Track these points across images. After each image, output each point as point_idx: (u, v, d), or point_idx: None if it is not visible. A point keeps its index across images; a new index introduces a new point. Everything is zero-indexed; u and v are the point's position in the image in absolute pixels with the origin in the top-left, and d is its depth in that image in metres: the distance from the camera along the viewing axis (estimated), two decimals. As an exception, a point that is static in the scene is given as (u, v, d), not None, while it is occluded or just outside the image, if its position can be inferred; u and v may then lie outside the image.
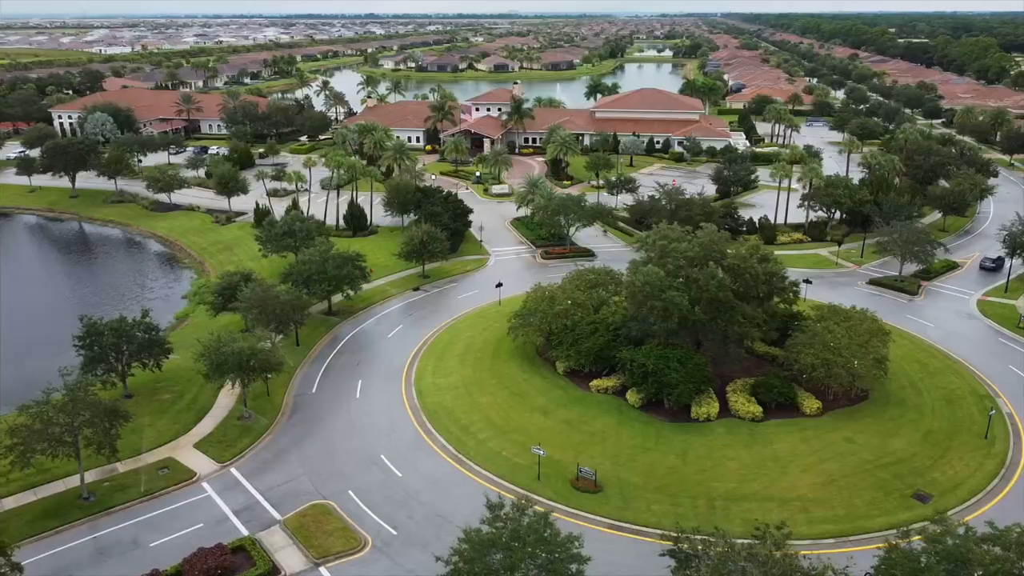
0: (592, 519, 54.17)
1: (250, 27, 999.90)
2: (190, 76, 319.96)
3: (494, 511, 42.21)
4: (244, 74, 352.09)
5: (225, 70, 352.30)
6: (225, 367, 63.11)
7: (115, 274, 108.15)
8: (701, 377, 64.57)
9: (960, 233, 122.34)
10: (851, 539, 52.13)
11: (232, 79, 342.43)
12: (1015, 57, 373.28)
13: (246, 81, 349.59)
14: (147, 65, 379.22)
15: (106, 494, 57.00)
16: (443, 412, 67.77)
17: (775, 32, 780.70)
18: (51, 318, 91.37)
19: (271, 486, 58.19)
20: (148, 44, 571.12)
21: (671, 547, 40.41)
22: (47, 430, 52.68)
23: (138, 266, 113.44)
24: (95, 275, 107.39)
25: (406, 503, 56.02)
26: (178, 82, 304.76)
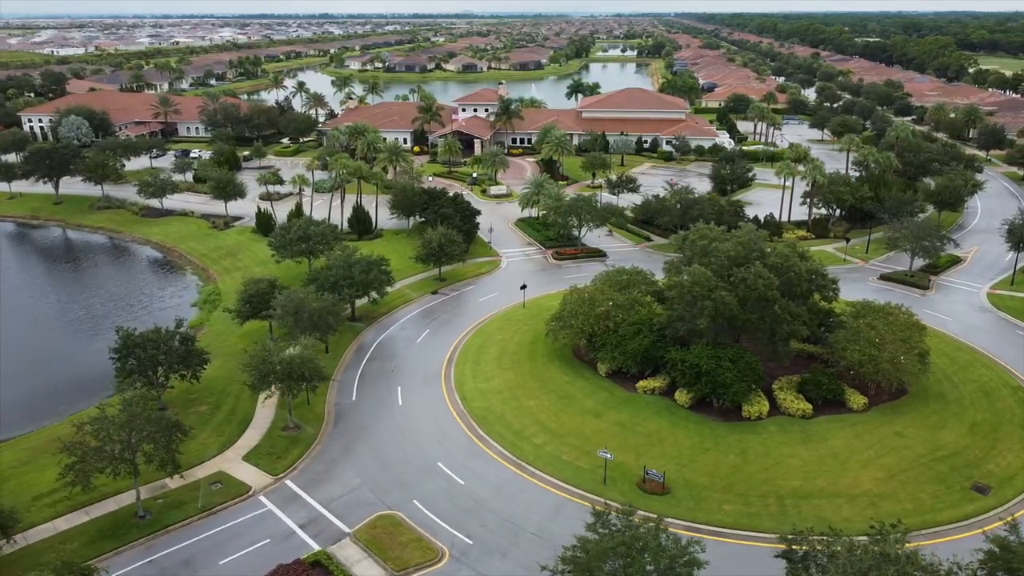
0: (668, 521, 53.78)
1: (203, 27, 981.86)
2: (155, 78, 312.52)
3: (601, 518, 41.63)
4: (210, 75, 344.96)
5: (189, 71, 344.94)
6: (273, 377, 61.46)
7: (117, 283, 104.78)
8: (754, 376, 64.89)
9: (953, 228, 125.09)
10: (923, 532, 52.72)
11: (198, 80, 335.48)
12: (973, 55, 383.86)
13: (212, 82, 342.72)
14: (106, 67, 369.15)
15: (162, 511, 55.07)
16: (492, 417, 66.97)
17: (732, 32, 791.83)
18: (63, 329, 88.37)
19: (332, 498, 56.82)
20: (101, 45, 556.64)
21: (785, 548, 40.31)
22: (105, 447, 50.64)
23: (139, 274, 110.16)
24: (96, 284, 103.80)
25: (475, 511, 55.16)
26: (143, 84, 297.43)
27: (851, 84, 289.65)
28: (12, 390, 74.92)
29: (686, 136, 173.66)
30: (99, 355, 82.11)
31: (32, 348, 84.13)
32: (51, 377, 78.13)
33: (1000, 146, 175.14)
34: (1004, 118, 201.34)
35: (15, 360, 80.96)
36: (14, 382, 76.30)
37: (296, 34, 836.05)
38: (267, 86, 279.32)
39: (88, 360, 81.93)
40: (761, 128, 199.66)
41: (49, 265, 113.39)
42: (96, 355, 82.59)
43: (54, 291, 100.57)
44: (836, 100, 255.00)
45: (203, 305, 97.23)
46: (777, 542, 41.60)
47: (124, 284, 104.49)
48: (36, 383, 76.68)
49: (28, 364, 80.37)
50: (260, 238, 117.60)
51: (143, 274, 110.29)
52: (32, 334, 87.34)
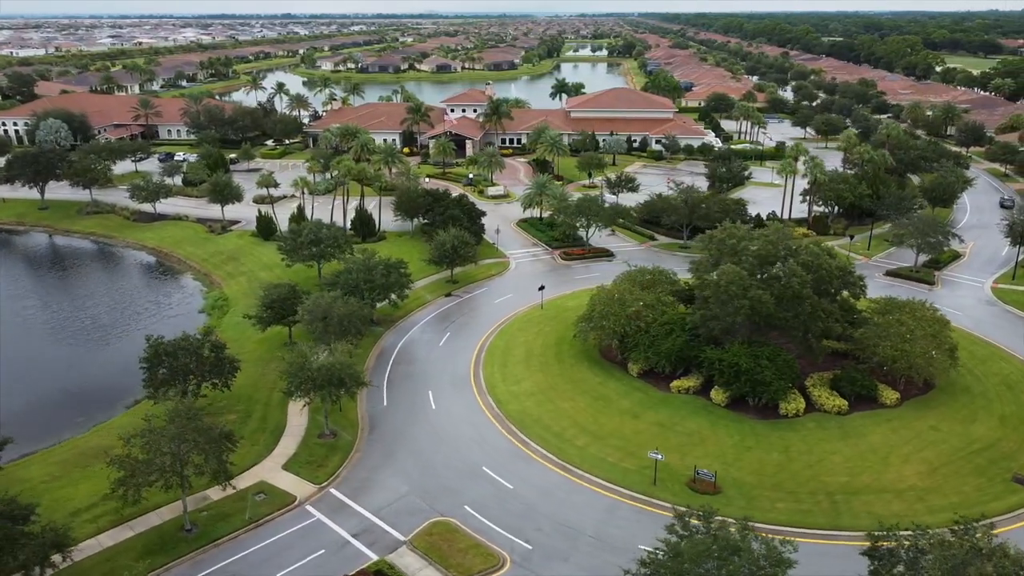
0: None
1: (165, 28, 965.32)
2: (125, 79, 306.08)
3: (682, 520, 41.52)
4: (181, 76, 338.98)
5: (159, 72, 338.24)
6: (312, 384, 60.38)
7: (118, 290, 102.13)
8: (792, 374, 65.37)
9: (946, 224, 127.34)
10: (976, 525, 53.27)
11: (168, 81, 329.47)
12: (939, 55, 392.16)
13: (183, 84, 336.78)
14: (72, 68, 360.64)
15: (208, 524, 53.76)
16: (530, 420, 66.58)
17: (698, 31, 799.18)
18: (72, 340, 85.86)
19: (381, 505, 55.96)
20: (62, 46, 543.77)
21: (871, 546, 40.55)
22: (155, 460, 49.25)
23: (139, 281, 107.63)
24: (98, 292, 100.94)
25: (529, 515, 54.72)
26: (113, 85, 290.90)
27: (825, 83, 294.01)
28: (27, 402, 72.61)
29: (676, 135, 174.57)
30: (111, 365, 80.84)
31: (43, 359, 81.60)
32: (65, 388, 75.91)
33: (980, 143, 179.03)
34: (979, 115, 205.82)
35: (27, 372, 78.52)
36: (28, 394, 73.96)
37: (261, 34, 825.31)
38: (245, 86, 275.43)
39: (101, 370, 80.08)
40: (745, 127, 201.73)
41: (44, 273, 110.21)
42: (108, 365, 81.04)
43: (55, 300, 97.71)
44: (813, 99, 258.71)
45: (211, 311, 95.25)
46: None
47: (126, 291, 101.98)
48: (51, 395, 74.41)
49: (41, 376, 77.91)
50: (261, 242, 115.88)
51: (143, 280, 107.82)
52: (41, 345, 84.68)
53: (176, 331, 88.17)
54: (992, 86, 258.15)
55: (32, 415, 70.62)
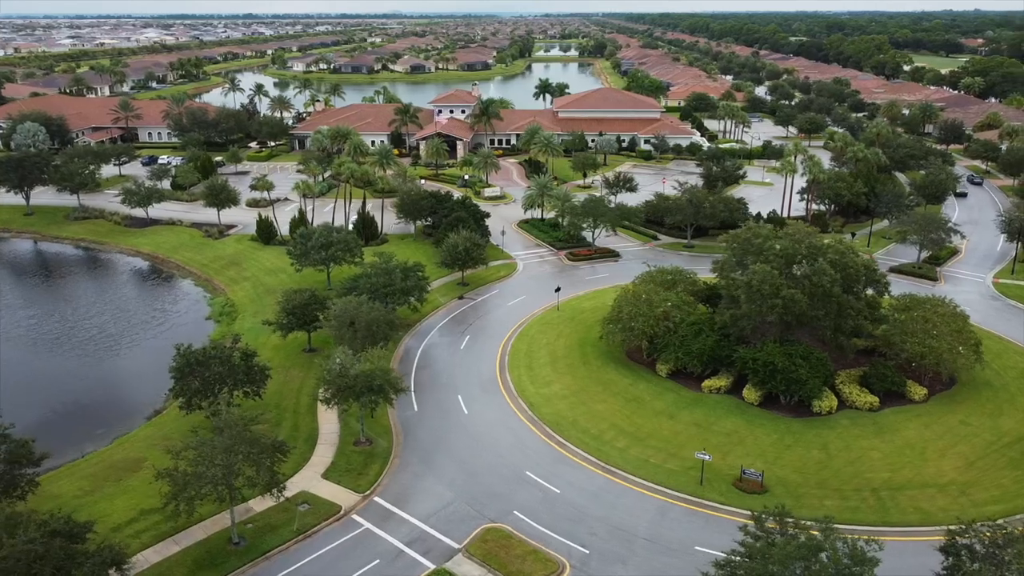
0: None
1: (125, 28, 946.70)
2: (95, 81, 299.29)
3: (760, 522, 41.56)
4: (151, 77, 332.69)
5: (127, 74, 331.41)
6: (352, 391, 59.45)
7: (121, 298, 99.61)
8: (825, 372, 65.97)
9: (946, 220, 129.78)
10: (1018, 518, 54.32)
11: (139, 83, 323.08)
12: (907, 54, 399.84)
13: (153, 85, 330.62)
14: (36, 69, 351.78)
15: (256, 537, 52.61)
16: (566, 423, 66.31)
17: (665, 31, 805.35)
18: (80, 350, 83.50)
19: (429, 513, 55.27)
20: (21, 47, 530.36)
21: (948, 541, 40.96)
22: (208, 473, 48.02)
23: (139, 288, 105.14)
24: (100, 300, 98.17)
25: (580, 519, 54.43)
26: (83, 87, 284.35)
27: (800, 82, 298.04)
28: (43, 415, 70.42)
29: (665, 135, 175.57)
30: (125, 375, 78.98)
31: (53, 371, 79.24)
32: (80, 400, 73.90)
33: (959, 140, 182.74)
34: (954, 113, 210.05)
35: (39, 384, 76.26)
36: (43, 407, 71.71)
37: (226, 35, 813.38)
38: (221, 86, 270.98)
39: (115, 381, 78.14)
40: (729, 126, 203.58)
41: (40, 281, 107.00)
42: (122, 375, 79.16)
43: (57, 309, 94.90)
44: (789, 98, 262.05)
45: (219, 318, 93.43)
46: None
47: (128, 299, 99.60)
48: (66, 407, 72.31)
49: (53, 388, 75.63)
50: (261, 246, 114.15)
51: (143, 288, 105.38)
52: (49, 356, 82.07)
53: (187, 339, 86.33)
54: (962, 85, 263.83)
55: (50, 428, 68.39)
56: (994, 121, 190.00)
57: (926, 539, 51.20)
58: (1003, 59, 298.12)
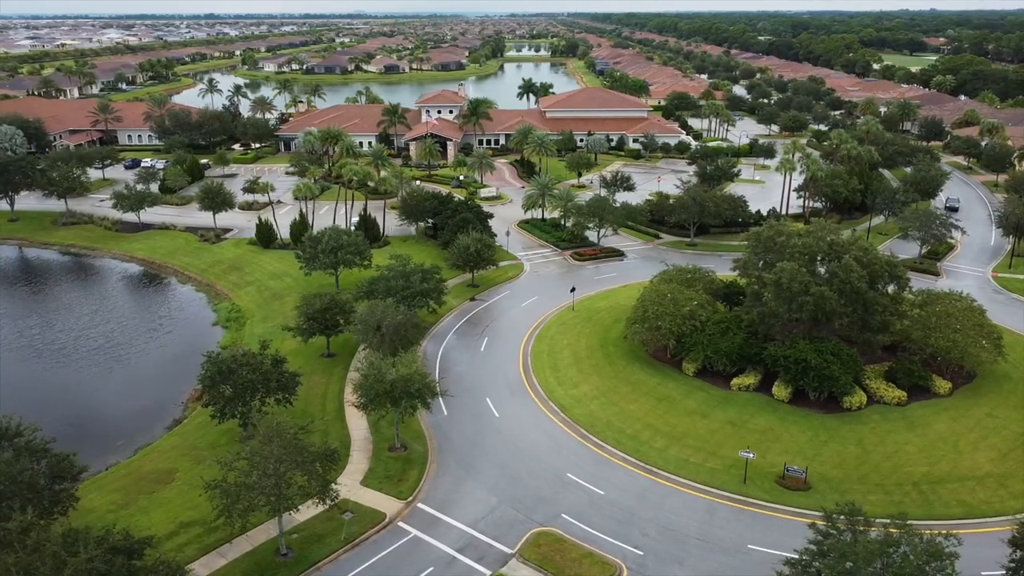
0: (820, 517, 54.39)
1: (85, 28, 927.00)
2: (63, 83, 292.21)
3: (832, 521, 41.63)
4: (121, 79, 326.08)
5: (96, 75, 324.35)
6: (390, 396, 58.53)
7: (122, 305, 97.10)
8: (855, 368, 66.53)
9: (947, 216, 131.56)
10: (1057, 508, 55.29)
11: (108, 85, 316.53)
12: (876, 52, 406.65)
13: (122, 86, 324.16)
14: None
15: (303, 547, 51.52)
16: (600, 424, 66.06)
17: (633, 31, 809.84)
18: (88, 360, 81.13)
19: (476, 518, 54.62)
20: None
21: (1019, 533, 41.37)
22: (261, 483, 46.85)
23: (137, 294, 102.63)
24: (102, 309, 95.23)
25: (629, 521, 54.18)
26: (52, 89, 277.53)
27: (776, 81, 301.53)
28: (58, 428, 67.80)
29: (654, 134, 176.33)
30: (139, 384, 76.81)
31: (63, 382, 76.94)
32: (96, 411, 71.93)
33: (939, 137, 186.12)
34: (930, 111, 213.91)
35: (50, 396, 73.97)
36: (58, 419, 69.15)
37: (190, 35, 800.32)
38: (198, 88, 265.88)
39: (129, 390, 75.89)
40: (712, 125, 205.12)
41: (35, 289, 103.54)
42: (135, 384, 76.97)
43: (58, 318, 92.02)
44: (767, 96, 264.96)
45: (227, 324, 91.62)
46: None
47: (129, 306, 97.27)
48: (82, 419, 70.17)
49: (66, 399, 73.44)
50: (261, 250, 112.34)
51: (142, 294, 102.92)
52: (57, 367, 79.60)
53: (195, 346, 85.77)
54: (934, 83, 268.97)
55: (68, 441, 65.56)
56: (972, 118, 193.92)
57: (974, 532, 51.75)
58: (972, 57, 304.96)
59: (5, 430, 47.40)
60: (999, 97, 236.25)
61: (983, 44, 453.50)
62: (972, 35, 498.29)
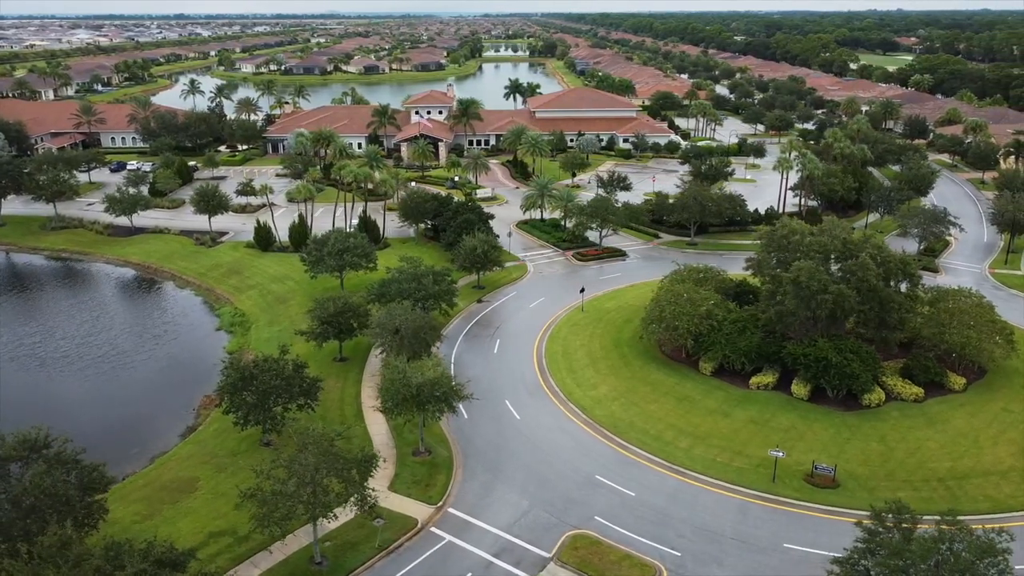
0: (854, 514, 54.59)
1: (52, 29, 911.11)
2: (38, 84, 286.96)
3: (881, 519, 41.80)
4: (97, 80, 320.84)
5: (71, 76, 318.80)
6: (416, 401, 57.92)
7: (123, 312, 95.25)
8: (874, 365, 67.02)
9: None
10: None
11: (84, 86, 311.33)
12: (852, 52, 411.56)
13: (98, 88, 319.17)
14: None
15: (337, 555, 50.81)
16: (623, 424, 65.93)
17: (609, 31, 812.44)
18: (95, 368, 79.27)
19: (509, 522, 54.21)
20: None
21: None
22: (299, 491, 46.06)
23: (136, 300, 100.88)
24: (103, 315, 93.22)
25: (663, 522, 54.07)
26: (26, 90, 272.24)
27: (757, 80, 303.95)
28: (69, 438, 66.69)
29: (644, 134, 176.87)
30: (146, 390, 75.53)
31: (70, 391, 75.32)
32: (106, 419, 70.34)
33: (923, 136, 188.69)
34: (911, 109, 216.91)
35: (58, 406, 72.24)
36: (68, 429, 67.29)
37: (161, 35, 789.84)
38: (181, 90, 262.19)
39: (137, 397, 74.53)
40: (700, 124, 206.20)
41: (30, 295, 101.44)
42: (143, 391, 75.64)
43: (58, 325, 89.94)
44: (749, 96, 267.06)
45: (231, 328, 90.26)
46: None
47: (132, 312, 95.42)
48: (92, 428, 68.40)
49: (74, 409, 71.84)
50: (260, 253, 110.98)
51: (143, 299, 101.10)
52: (62, 376, 77.74)
53: (202, 352, 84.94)
54: (912, 82, 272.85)
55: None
56: (954, 117, 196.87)
57: (1002, 527, 52.19)
58: (948, 57, 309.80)
59: (34, 441, 46.07)
60: (976, 96, 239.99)
61: (954, 44, 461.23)
62: (943, 35, 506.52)
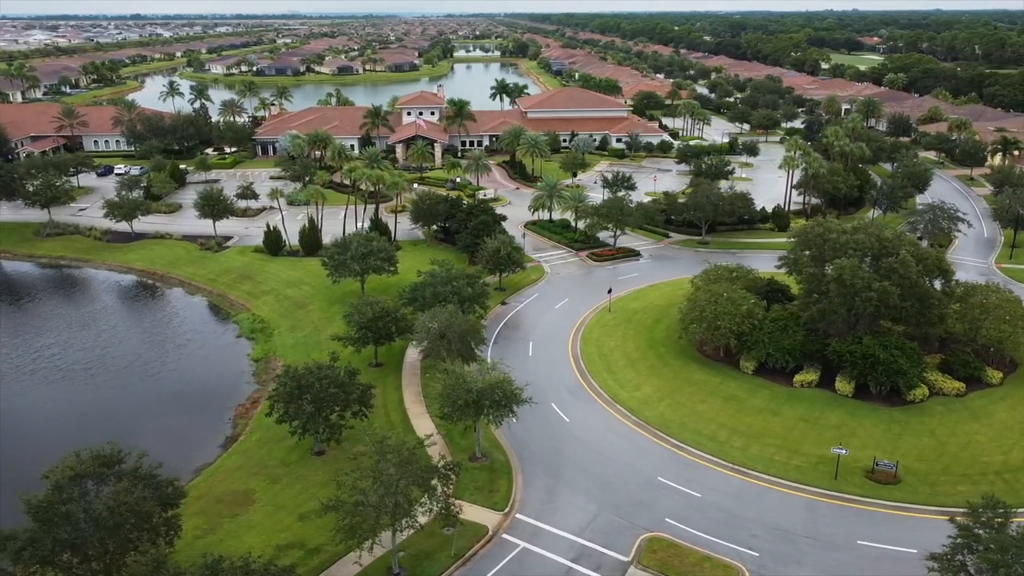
0: (918, 510, 55.27)
1: (7, 29, 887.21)
2: (5, 86, 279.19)
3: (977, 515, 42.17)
4: (65, 82, 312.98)
5: (38, 78, 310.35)
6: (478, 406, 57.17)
7: (136, 320, 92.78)
8: (920, 362, 67.82)
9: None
10: None
11: (53, 88, 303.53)
12: (826, 52, 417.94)
13: (66, 90, 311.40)
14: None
15: (414, 565, 49.87)
16: (674, 425, 65.81)
17: (576, 31, 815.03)
18: (122, 381, 76.89)
19: (580, 527, 53.73)
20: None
21: None
22: (385, 501, 45.10)
23: (149, 308, 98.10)
24: (119, 324, 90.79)
25: (734, 522, 54.02)
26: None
27: (734, 80, 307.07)
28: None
29: (637, 133, 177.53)
30: (178, 401, 73.49)
31: (99, 403, 73.04)
32: (140, 432, 67.96)
33: (907, 134, 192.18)
34: (891, 108, 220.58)
35: (89, 420, 70.08)
36: (99, 442, 65.66)
37: (121, 36, 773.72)
38: (123, 91, 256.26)
39: (169, 408, 72.52)
40: (688, 124, 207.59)
41: (37, 305, 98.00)
42: (175, 401, 73.57)
43: (75, 336, 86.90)
44: (730, 95, 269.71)
45: (252, 335, 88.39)
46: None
47: (149, 320, 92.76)
48: (127, 441, 66.01)
49: (107, 422, 69.58)
50: (270, 258, 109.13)
51: (154, 307, 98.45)
52: (88, 389, 75.30)
53: (226, 359, 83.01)
54: (886, 80, 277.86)
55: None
56: (936, 115, 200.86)
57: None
58: (921, 56, 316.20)
59: (108, 456, 44.41)
60: (951, 94, 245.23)
61: (917, 43, 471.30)
62: (906, 35, 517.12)
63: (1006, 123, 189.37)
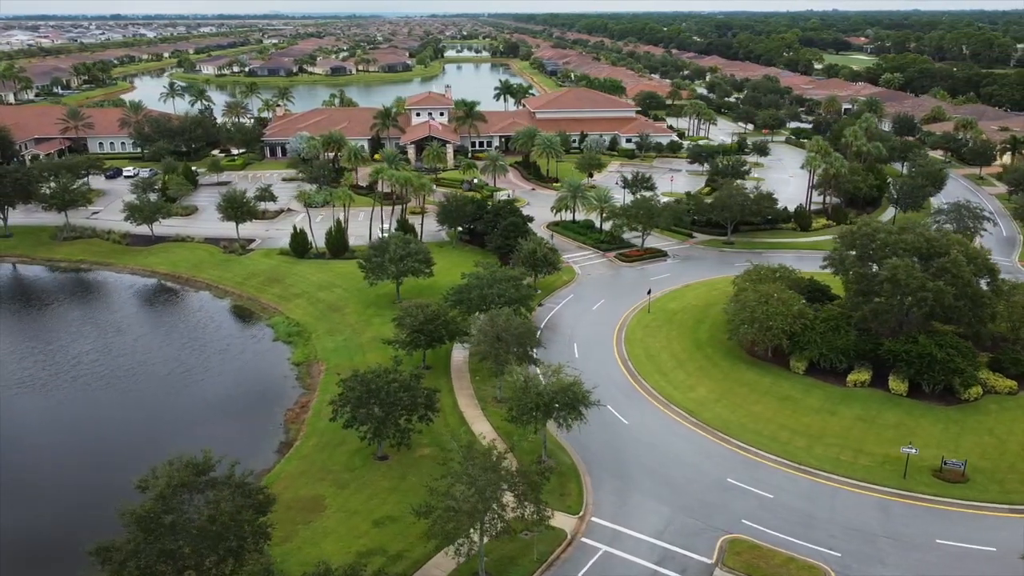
0: (990, 507, 55.58)
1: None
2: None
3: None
4: (57, 83, 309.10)
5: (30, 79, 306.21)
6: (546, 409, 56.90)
7: (173, 325, 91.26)
8: (975, 361, 68.28)
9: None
10: None
11: (45, 89, 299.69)
12: (819, 52, 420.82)
13: (58, 91, 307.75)
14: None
15: (499, 570, 49.53)
16: (734, 426, 65.87)
17: (563, 32, 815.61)
18: (171, 387, 75.68)
19: (658, 529, 53.60)
20: None
21: None
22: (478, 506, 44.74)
23: (182, 312, 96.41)
24: (154, 329, 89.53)
25: (810, 523, 54.08)
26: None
27: (732, 80, 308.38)
28: (153, 457, 63.68)
29: (648, 134, 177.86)
30: (226, 407, 72.56)
31: (146, 408, 72.03)
32: (193, 438, 66.80)
33: (911, 133, 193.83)
34: (891, 107, 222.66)
35: (137, 424, 69.23)
36: (156, 450, 64.71)
37: (105, 37, 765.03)
38: (114, 93, 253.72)
39: (219, 414, 71.62)
40: (693, 124, 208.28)
41: (66, 309, 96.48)
42: (223, 407, 72.62)
43: (111, 342, 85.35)
44: (728, 95, 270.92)
45: (289, 339, 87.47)
46: None
47: (184, 325, 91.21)
48: (179, 447, 65.22)
49: (158, 427, 68.75)
50: (296, 260, 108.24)
51: (185, 311, 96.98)
52: (133, 394, 74.11)
53: (269, 364, 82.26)
54: (883, 80, 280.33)
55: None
56: (939, 115, 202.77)
57: None
58: (916, 56, 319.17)
59: (199, 465, 43.67)
60: (948, 94, 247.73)
61: (905, 43, 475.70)
62: (893, 35, 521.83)
63: (1008, 122, 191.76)
